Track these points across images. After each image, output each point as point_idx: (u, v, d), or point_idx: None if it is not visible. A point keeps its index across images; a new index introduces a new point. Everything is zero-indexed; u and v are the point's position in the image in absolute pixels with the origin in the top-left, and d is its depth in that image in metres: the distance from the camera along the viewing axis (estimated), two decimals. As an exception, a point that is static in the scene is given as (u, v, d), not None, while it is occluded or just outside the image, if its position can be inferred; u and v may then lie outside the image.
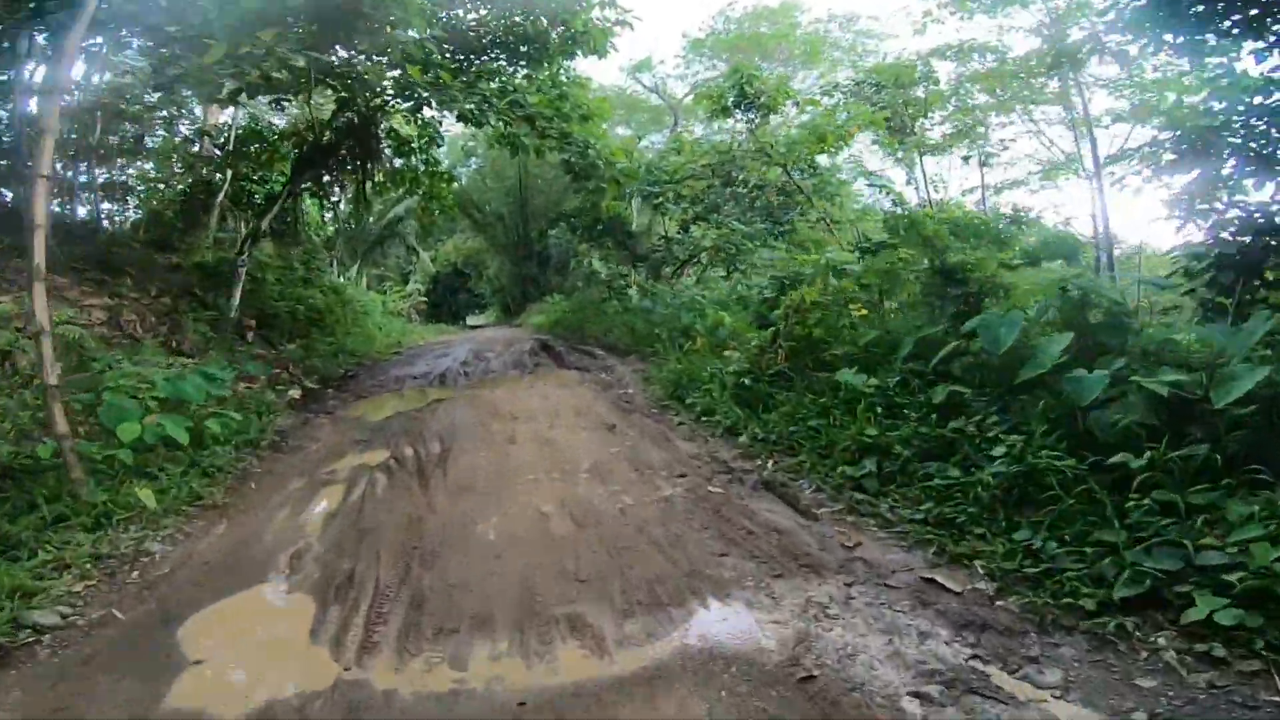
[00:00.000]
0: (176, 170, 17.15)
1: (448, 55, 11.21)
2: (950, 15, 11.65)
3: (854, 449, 4.65)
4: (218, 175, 15.83)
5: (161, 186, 17.83)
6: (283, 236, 17.52)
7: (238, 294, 11.76)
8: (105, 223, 17.94)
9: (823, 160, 13.17)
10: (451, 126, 26.71)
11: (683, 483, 4.83)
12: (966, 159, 12.57)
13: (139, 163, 18.20)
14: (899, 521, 4.03)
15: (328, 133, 12.68)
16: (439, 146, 13.05)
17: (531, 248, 22.39)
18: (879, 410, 4.80)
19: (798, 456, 4.99)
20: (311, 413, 8.00)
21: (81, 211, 16.36)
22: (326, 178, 14.93)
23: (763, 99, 10.73)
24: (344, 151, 13.06)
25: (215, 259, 13.30)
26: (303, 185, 13.45)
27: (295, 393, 8.63)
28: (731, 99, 10.75)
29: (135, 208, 18.96)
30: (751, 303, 9.62)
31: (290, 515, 4.97)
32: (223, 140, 16.05)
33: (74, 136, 14.31)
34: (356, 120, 12.91)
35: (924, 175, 13.20)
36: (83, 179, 16.08)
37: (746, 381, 5.83)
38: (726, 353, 6.78)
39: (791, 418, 5.30)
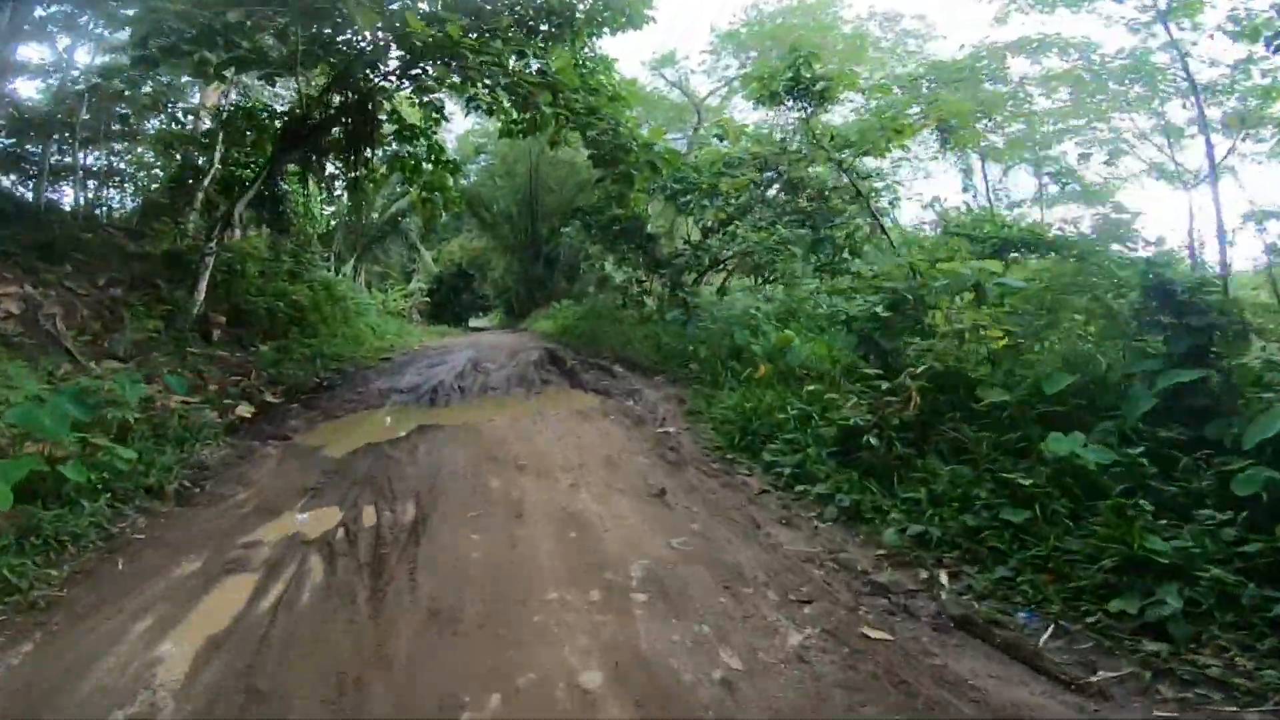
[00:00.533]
0: (173, 153, 15.38)
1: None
2: (1031, 6, 9.68)
3: (1111, 565, 2.57)
4: (204, 159, 13.84)
5: (158, 170, 16.01)
6: (275, 225, 15.51)
7: (203, 286, 9.62)
8: (99, 210, 16.20)
9: (868, 163, 11.16)
10: (458, 119, 24.65)
11: (813, 616, 2.71)
12: (1086, 157, 10.52)
13: (136, 148, 16.46)
14: (1268, 689, 1.99)
15: (317, 111, 10.55)
16: (445, 121, 10.91)
17: (540, 249, 20.22)
18: (1142, 505, 2.72)
19: (992, 570, 2.89)
20: (260, 439, 5.83)
21: (75, 197, 14.50)
22: (323, 162, 12.88)
23: (819, 86, 8.66)
24: (337, 131, 10.94)
25: (187, 247, 11.14)
26: (286, 168, 11.28)
27: (245, 410, 6.46)
28: (783, 84, 8.66)
29: (133, 194, 17.14)
30: (804, 316, 7.54)
31: (149, 634, 2.86)
32: (221, 121, 14.08)
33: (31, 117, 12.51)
34: (352, 99, 10.79)
35: (986, 181, 11.27)
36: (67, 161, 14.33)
37: (872, 440, 3.71)
38: (811, 388, 4.67)
39: (963, 502, 3.20)
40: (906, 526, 3.27)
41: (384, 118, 11.43)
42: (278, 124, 11.28)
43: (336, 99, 10.62)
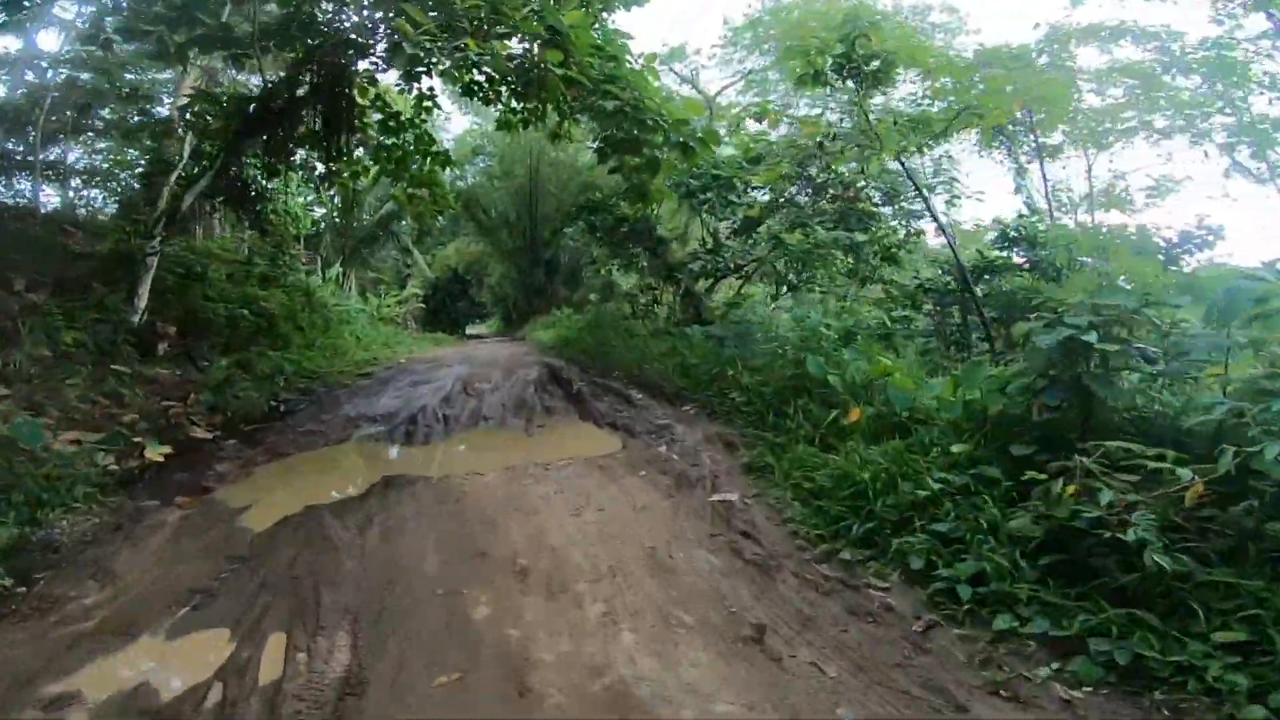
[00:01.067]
0: (146, 146, 13.88)
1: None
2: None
3: None
4: (176, 153, 12.16)
5: (141, 168, 14.39)
6: (256, 226, 13.83)
7: (144, 291, 7.90)
8: (82, 209, 14.74)
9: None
10: (456, 118, 22.81)
11: None
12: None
13: (120, 144, 14.97)
14: None
15: (283, 93, 8.85)
16: (437, 109, 9.29)
17: (539, 253, 18.53)
18: None
19: None
20: (163, 495, 4.12)
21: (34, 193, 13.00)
22: (294, 153, 11.21)
23: (873, 65, 7.07)
24: (309, 114, 9.23)
25: (136, 246, 9.36)
26: (245, 157, 9.55)
27: (155, 451, 4.72)
28: (832, 61, 7.06)
29: (117, 193, 15.59)
30: (861, 334, 5.91)
31: None
32: (181, 108, 12.53)
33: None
34: (325, 80, 9.07)
35: (1045, 181, 9.76)
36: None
37: (1157, 557, 2.04)
38: (958, 448, 3.03)
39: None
40: (1268, 696, 1.64)
41: (367, 104, 9.71)
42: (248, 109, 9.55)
43: (309, 80, 8.92)
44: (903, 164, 7.32)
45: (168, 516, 3.82)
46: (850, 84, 7.36)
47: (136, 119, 13.41)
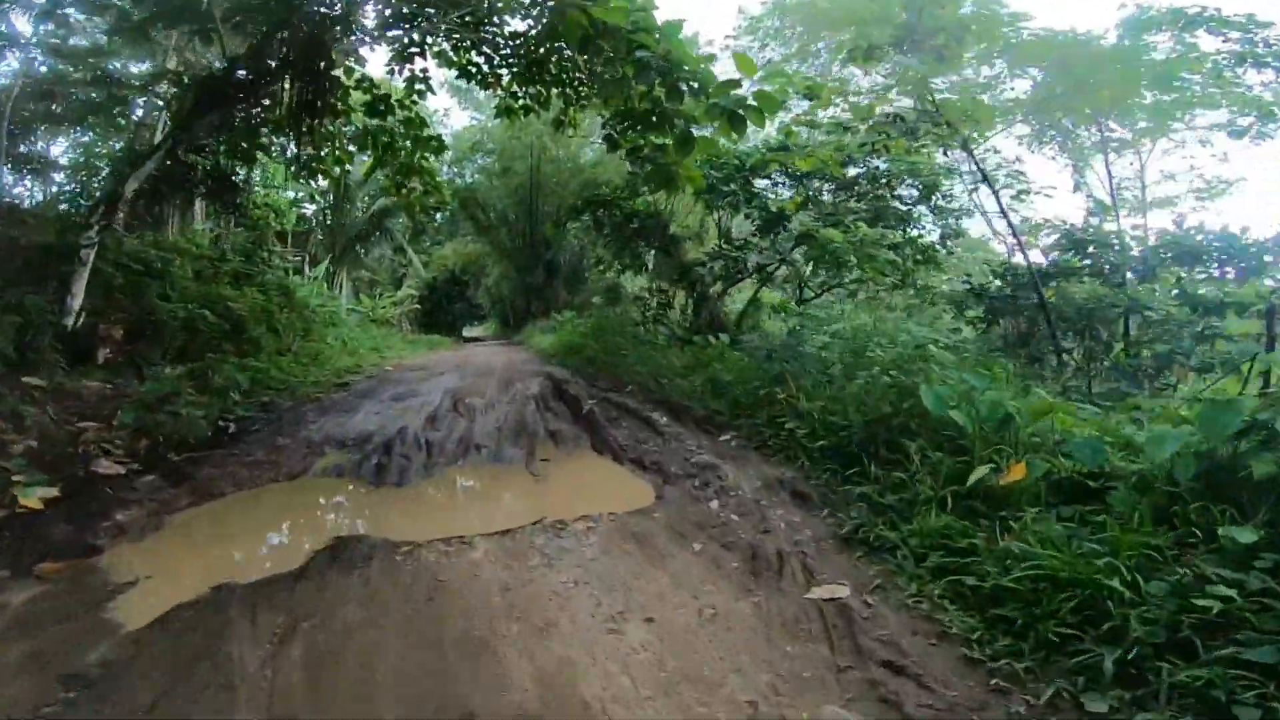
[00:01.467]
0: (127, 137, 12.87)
1: None
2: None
3: None
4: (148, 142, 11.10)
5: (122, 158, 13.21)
6: (239, 221, 12.68)
7: (79, 290, 6.66)
8: (64, 205, 13.70)
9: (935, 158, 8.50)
10: (455, 114, 21.64)
11: None
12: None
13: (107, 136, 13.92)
14: None
15: (246, 67, 7.65)
16: (430, 93, 8.14)
17: (539, 254, 17.33)
18: None
19: None
20: (23, 559, 2.91)
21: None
22: (278, 137, 10.06)
23: (940, 39, 5.98)
24: (281, 91, 7.99)
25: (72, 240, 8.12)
26: (200, 136, 8.31)
27: (33, 497, 3.48)
28: (893, 31, 5.97)
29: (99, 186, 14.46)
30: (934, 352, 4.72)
31: None
32: (146, 88, 11.55)
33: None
34: (297, 53, 7.86)
35: (1110, 177, 8.66)
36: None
37: None
38: (1239, 535, 1.86)
39: None
40: None
41: (351, 84, 8.50)
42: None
43: (280, 53, 7.70)
44: (971, 153, 6.20)
45: (12, 597, 2.61)
46: (911, 60, 6.25)
47: (95, 98, 12.16)
